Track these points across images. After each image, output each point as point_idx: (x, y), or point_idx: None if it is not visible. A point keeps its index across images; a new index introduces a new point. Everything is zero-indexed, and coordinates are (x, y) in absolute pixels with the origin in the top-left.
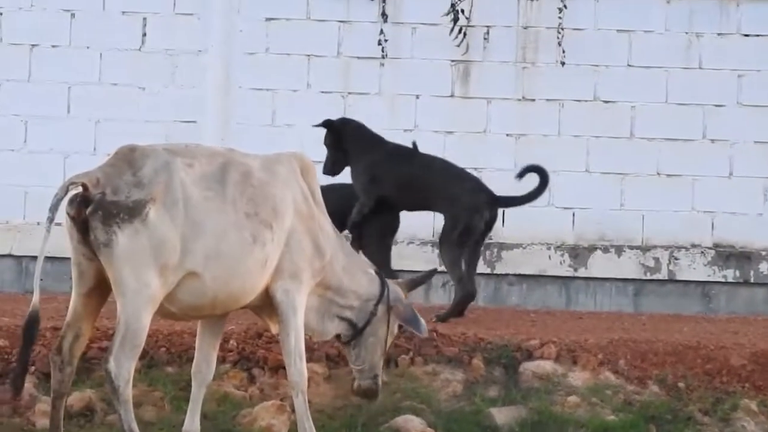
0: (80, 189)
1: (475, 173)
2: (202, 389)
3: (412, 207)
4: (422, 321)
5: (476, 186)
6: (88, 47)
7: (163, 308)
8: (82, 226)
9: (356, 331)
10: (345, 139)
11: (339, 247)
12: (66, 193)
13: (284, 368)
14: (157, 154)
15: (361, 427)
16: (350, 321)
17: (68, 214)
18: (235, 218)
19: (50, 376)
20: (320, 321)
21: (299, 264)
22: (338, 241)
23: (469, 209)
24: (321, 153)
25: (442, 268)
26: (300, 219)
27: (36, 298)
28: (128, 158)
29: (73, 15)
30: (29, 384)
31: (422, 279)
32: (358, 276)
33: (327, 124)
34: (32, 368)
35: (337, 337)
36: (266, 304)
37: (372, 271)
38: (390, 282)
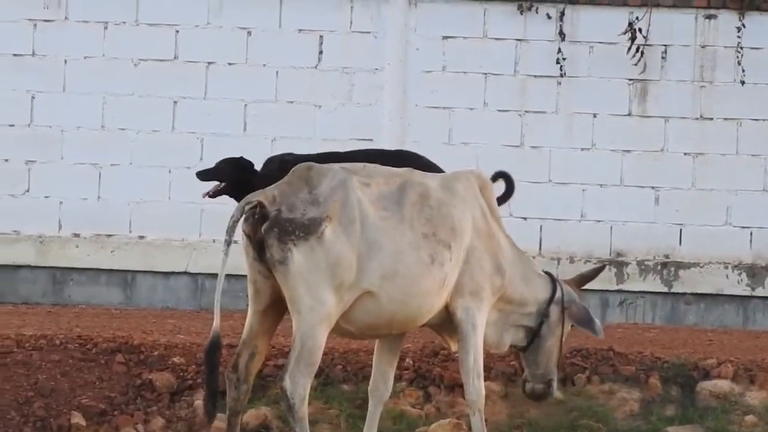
0: (256, 206)
1: (652, 192)
2: (378, 407)
3: None
4: (597, 322)
5: None
6: (264, 65)
7: (340, 327)
8: (258, 244)
9: (533, 336)
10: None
11: (517, 258)
12: (242, 214)
13: (460, 386)
14: (333, 172)
15: None
16: (526, 327)
17: (244, 231)
18: (411, 238)
19: (226, 394)
20: (498, 333)
21: (480, 282)
22: (514, 251)
23: None
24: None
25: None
26: (479, 237)
27: (216, 322)
28: (305, 176)
29: (249, 33)
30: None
31: (592, 274)
32: (534, 282)
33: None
34: None
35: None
36: (445, 322)
37: (542, 272)
38: (561, 280)
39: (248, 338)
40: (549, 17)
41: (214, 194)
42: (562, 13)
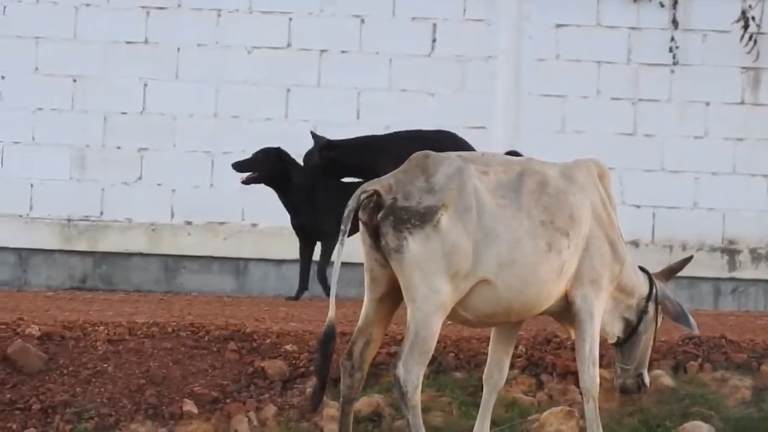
0: (372, 195)
1: (765, 180)
2: (493, 395)
3: None
4: (691, 317)
5: None
6: (377, 53)
7: (458, 315)
8: (374, 232)
9: (632, 331)
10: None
11: (627, 249)
12: (358, 204)
13: (573, 374)
14: (450, 161)
15: None
16: (628, 320)
17: (361, 220)
18: (529, 226)
19: (339, 382)
20: (611, 322)
21: (599, 270)
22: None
23: None
24: (613, 159)
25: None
26: (599, 225)
27: (332, 312)
28: (421, 165)
29: (362, 20)
30: (313, 390)
31: (678, 266)
32: (639, 274)
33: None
34: None
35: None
36: (565, 310)
37: (639, 268)
38: (654, 276)
39: (363, 326)
40: (662, 5)
41: (248, 181)
42: (675, 1)
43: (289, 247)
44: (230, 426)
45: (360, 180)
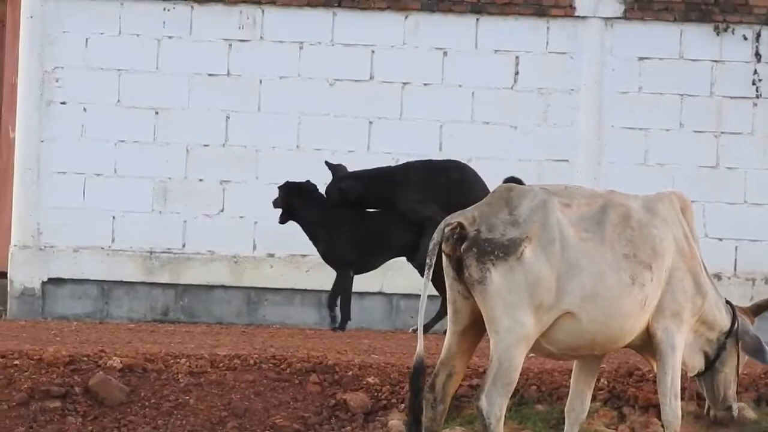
0: (456, 227)
1: None
2: (575, 428)
3: None
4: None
5: None
6: (460, 85)
7: (541, 347)
8: (457, 264)
9: (708, 365)
10: None
11: (710, 282)
12: (443, 237)
13: (655, 407)
14: (534, 193)
15: None
16: (707, 354)
17: (444, 252)
18: (612, 259)
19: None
20: (691, 356)
21: (681, 303)
22: (708, 276)
23: None
24: (696, 192)
25: None
26: (682, 258)
27: (420, 346)
28: (505, 197)
29: (445, 53)
30: (398, 421)
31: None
32: (721, 307)
33: None
34: (402, 405)
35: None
36: (647, 343)
37: (724, 300)
38: (738, 310)
39: (446, 358)
40: (745, 38)
41: (282, 220)
42: (758, 35)
43: (372, 279)
44: None
45: (376, 210)
